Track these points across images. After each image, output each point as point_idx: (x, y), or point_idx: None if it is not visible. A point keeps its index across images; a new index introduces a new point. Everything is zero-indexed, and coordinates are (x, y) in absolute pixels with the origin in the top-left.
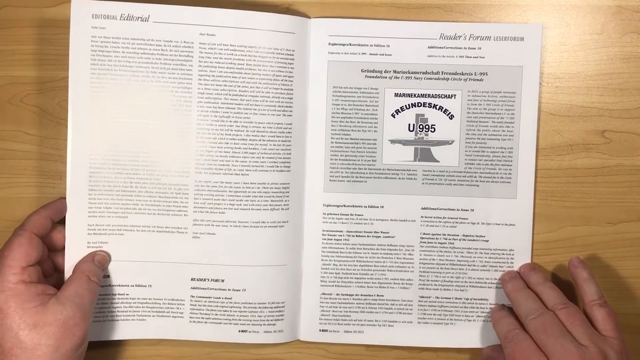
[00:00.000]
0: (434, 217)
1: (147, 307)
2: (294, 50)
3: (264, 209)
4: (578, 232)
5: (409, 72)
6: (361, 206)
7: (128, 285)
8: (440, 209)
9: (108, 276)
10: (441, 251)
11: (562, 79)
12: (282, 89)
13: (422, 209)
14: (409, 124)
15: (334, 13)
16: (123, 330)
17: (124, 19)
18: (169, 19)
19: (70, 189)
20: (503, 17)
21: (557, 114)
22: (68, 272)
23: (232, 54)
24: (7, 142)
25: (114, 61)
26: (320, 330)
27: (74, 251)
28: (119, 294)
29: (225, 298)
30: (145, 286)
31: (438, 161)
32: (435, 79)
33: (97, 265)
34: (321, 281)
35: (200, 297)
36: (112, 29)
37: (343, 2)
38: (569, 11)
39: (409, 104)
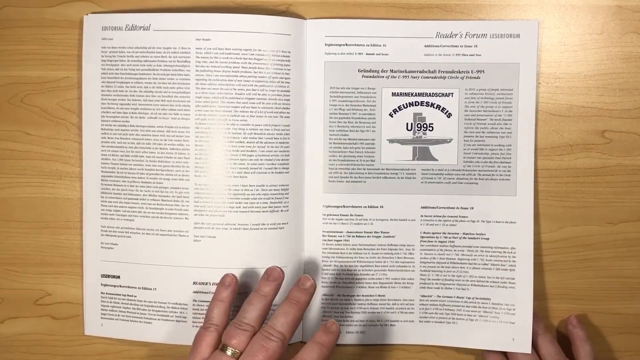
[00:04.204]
0: (434, 216)
1: (152, 310)
2: (290, 52)
3: (263, 211)
4: (578, 232)
5: (406, 71)
6: (361, 206)
7: (135, 287)
8: (440, 208)
9: (119, 277)
10: (442, 250)
11: (562, 79)
12: (278, 90)
13: (421, 207)
14: (407, 123)
15: (334, 13)
16: (131, 331)
17: (129, 29)
18: (167, 26)
19: (85, 192)
20: (503, 17)
21: (556, 114)
22: (87, 275)
23: (227, 58)
24: (7, 142)
25: (120, 70)
26: None
27: (90, 252)
28: (128, 295)
29: None
30: (151, 289)
31: (437, 160)
32: (432, 77)
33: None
34: (322, 282)
35: (203, 301)
36: (119, 40)
37: (343, 3)
38: (568, 11)
39: (406, 103)
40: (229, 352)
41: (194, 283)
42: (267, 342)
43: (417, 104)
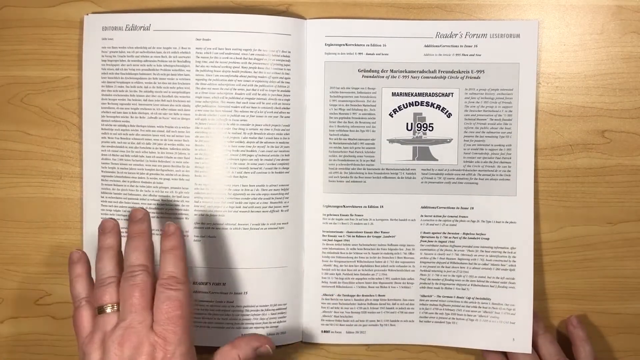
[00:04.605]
0: (434, 216)
1: None
2: (290, 52)
3: (263, 211)
4: (578, 232)
5: (406, 71)
6: (361, 206)
7: None
8: (440, 208)
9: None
10: (442, 250)
11: (562, 79)
12: (279, 90)
13: (421, 207)
14: (407, 123)
15: (334, 13)
16: None
17: (129, 29)
18: (167, 26)
19: (86, 192)
20: (503, 17)
21: (557, 114)
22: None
23: (227, 58)
24: (7, 142)
25: (121, 70)
26: (322, 332)
27: (90, 251)
28: None
29: (227, 302)
30: None
31: (437, 160)
32: (432, 77)
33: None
34: (322, 282)
35: (202, 301)
36: (119, 40)
37: (343, 3)
38: (568, 11)
39: (406, 103)
40: (108, 310)
41: (193, 283)
42: (133, 280)
43: (417, 104)
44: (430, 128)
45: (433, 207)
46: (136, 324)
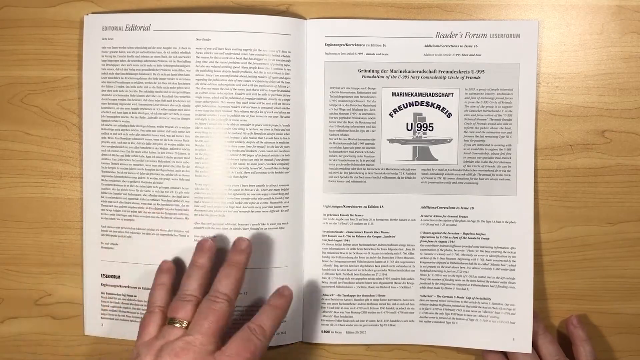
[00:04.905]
0: (434, 216)
1: None
2: (290, 52)
3: (263, 211)
4: (578, 232)
5: (406, 71)
6: (361, 206)
7: (136, 288)
8: (440, 208)
9: (119, 277)
10: (442, 250)
11: (562, 79)
12: (279, 90)
13: (421, 207)
14: (407, 123)
15: (334, 13)
16: (131, 331)
17: (129, 29)
18: (167, 26)
19: (86, 192)
20: (503, 17)
21: (557, 114)
22: (87, 275)
23: (227, 58)
24: (7, 142)
25: (121, 70)
26: (322, 332)
27: (90, 252)
28: (128, 296)
29: None
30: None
31: (437, 160)
32: (432, 77)
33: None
34: (322, 282)
35: None
36: (119, 40)
37: (343, 3)
38: (568, 11)
39: (406, 103)
40: (177, 325)
41: None
42: (214, 305)
43: (417, 103)
44: (430, 128)
45: (433, 207)
46: (198, 344)
